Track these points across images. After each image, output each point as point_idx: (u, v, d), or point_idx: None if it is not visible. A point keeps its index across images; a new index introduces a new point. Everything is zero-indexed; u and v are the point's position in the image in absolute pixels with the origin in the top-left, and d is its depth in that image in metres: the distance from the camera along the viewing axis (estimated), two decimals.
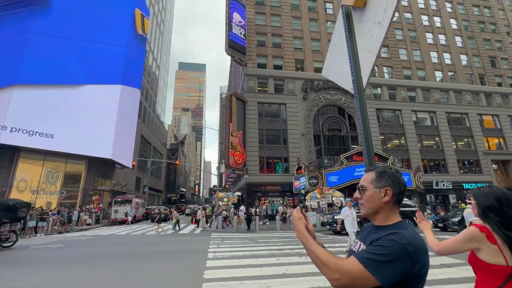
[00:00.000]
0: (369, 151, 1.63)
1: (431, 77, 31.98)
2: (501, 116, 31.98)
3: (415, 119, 29.98)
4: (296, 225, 1.13)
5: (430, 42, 33.68)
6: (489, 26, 36.83)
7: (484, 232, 1.44)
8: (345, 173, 20.04)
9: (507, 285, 1.35)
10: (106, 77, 23.69)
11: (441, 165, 29.05)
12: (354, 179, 19.62)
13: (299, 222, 1.13)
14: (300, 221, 1.14)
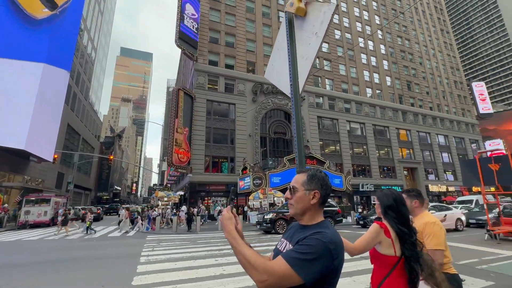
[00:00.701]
0: (301, 153, 1.72)
1: (363, 93, 36.45)
2: (412, 131, 38.53)
3: (348, 129, 33.67)
4: (226, 226, 1.10)
5: (364, 62, 38.39)
6: (408, 55, 44.06)
7: (383, 228, 1.72)
8: (287, 174, 21.16)
9: (394, 271, 1.62)
10: (25, 52, 19.72)
11: (367, 170, 33.33)
12: None
13: (228, 222, 1.10)
14: (229, 221, 1.11)
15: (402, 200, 1.75)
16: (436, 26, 51.60)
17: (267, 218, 13.37)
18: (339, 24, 37.94)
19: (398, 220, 1.69)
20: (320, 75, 33.86)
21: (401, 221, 1.69)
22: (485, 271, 5.75)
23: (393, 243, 1.66)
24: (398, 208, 1.72)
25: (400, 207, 1.73)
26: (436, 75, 46.18)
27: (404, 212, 1.72)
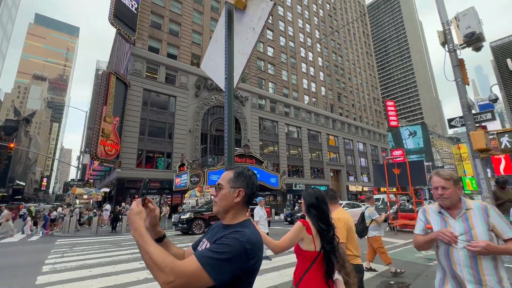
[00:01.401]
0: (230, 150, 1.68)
1: (301, 99, 39.37)
2: (339, 138, 43.59)
3: (287, 131, 35.85)
4: (133, 221, 0.96)
5: (304, 71, 41.51)
6: (340, 70, 49.66)
7: (305, 226, 1.86)
8: None
9: (314, 265, 1.77)
10: None
11: (300, 171, 36.13)
12: None
13: (137, 218, 0.97)
14: (138, 216, 0.98)
15: (323, 199, 1.91)
16: (363, 48, 59.67)
17: (184, 218, 12.57)
18: (284, 32, 40.00)
19: (318, 217, 1.85)
20: (264, 78, 35.05)
21: (321, 218, 1.84)
22: None
23: (313, 239, 1.80)
24: (319, 206, 1.88)
25: (321, 205, 1.88)
26: (360, 90, 53.40)
27: (324, 209, 1.88)
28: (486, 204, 1.72)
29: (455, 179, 1.75)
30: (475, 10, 6.55)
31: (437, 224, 1.77)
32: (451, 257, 1.71)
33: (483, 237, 1.60)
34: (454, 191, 1.72)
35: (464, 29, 6.46)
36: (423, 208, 1.92)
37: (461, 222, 1.69)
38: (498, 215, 1.66)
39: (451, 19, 7.01)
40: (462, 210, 1.71)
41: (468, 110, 6.56)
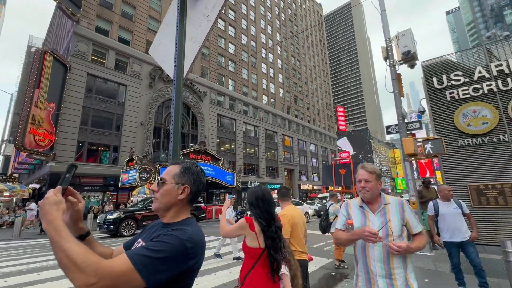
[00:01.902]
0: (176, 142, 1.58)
1: (260, 99, 40.03)
2: (294, 138, 45.63)
3: (244, 130, 36.06)
4: (47, 213, 0.78)
5: (263, 71, 42.27)
6: (297, 74, 51.96)
7: (248, 222, 1.91)
8: None
9: (259, 262, 1.80)
10: None
11: (255, 169, 36.75)
12: None
13: (53, 208, 0.79)
14: (55, 206, 0.80)
15: (263, 197, 1.94)
16: (319, 55, 63.45)
17: (110, 218, 11.27)
18: (246, 30, 40.11)
19: (258, 214, 1.89)
20: (225, 74, 34.63)
21: (261, 216, 1.88)
22: (328, 251, 7.42)
23: (256, 236, 1.84)
24: (258, 204, 1.92)
25: (260, 203, 1.92)
26: (314, 95, 56.71)
27: (264, 207, 1.92)
28: (403, 200, 1.81)
29: (378, 173, 1.80)
30: (412, 32, 7.48)
31: (358, 218, 1.81)
32: (367, 253, 1.75)
33: (397, 231, 1.69)
34: (376, 185, 1.77)
35: (402, 47, 7.33)
36: (346, 202, 1.96)
37: (379, 216, 1.75)
38: (411, 210, 1.77)
39: (393, 38, 7.88)
40: (381, 205, 1.77)
41: (402, 119, 7.47)
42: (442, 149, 6.27)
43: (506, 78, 7.35)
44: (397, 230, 1.69)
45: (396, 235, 1.69)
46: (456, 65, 8.16)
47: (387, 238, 1.68)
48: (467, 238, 3.83)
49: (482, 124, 7.34)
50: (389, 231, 1.69)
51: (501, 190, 6.86)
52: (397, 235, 1.69)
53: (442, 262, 5.60)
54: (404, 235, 1.74)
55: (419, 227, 1.76)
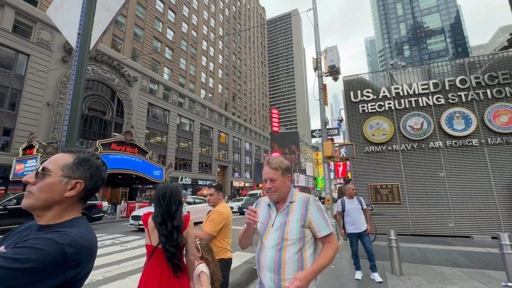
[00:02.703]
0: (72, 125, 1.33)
1: (197, 92, 38.65)
2: (230, 136, 45.89)
3: (178, 122, 34.19)
4: None
5: (203, 64, 40.98)
6: (237, 72, 52.42)
7: (143, 219, 1.90)
8: None
9: (152, 259, 1.77)
10: None
11: (188, 164, 35.36)
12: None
13: None
14: None
15: (164, 195, 1.90)
16: (259, 57, 65.54)
17: None
18: (188, 18, 38.06)
19: (157, 212, 1.87)
20: (160, 61, 32.01)
21: (159, 213, 1.85)
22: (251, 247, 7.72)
23: (149, 233, 1.82)
24: (161, 201, 1.88)
25: (162, 200, 1.88)
26: (252, 95, 58.37)
27: (165, 205, 1.87)
28: (309, 197, 1.54)
29: (284, 167, 1.55)
30: (337, 49, 8.46)
31: (263, 217, 1.58)
32: (260, 259, 1.49)
33: (294, 233, 1.43)
34: (283, 182, 1.52)
35: (329, 61, 8.21)
36: (259, 199, 1.74)
37: (281, 216, 1.50)
38: (318, 209, 1.50)
39: (322, 51, 8.74)
40: (287, 203, 1.53)
41: (324, 125, 8.37)
42: (352, 153, 7.32)
43: (401, 99, 9.10)
44: (294, 233, 1.43)
45: (293, 239, 1.42)
46: (368, 84, 9.65)
47: (282, 241, 1.42)
48: (364, 229, 4.58)
49: (382, 135, 8.90)
50: (285, 234, 1.43)
51: (391, 189, 8.47)
52: (295, 239, 1.42)
53: (346, 250, 6.54)
54: (309, 240, 1.47)
55: (326, 230, 1.45)
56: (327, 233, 1.46)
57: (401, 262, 5.03)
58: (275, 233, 1.47)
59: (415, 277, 4.66)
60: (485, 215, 7.62)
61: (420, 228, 8.06)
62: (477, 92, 8.41)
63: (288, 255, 1.41)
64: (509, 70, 8.29)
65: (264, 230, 1.54)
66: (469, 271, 5.00)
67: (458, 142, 8.27)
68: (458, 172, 8.09)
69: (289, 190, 1.58)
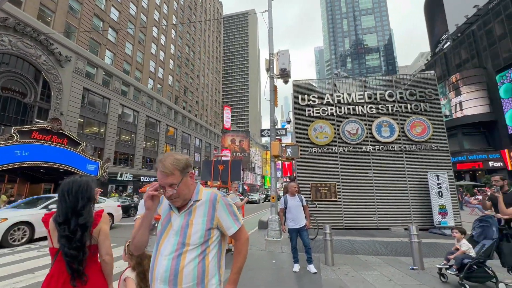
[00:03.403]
0: None
1: (144, 81, 35.78)
2: (179, 131, 43.82)
3: (120, 113, 31.09)
4: None
5: (153, 53, 38.11)
6: (190, 65, 50.38)
7: (44, 219, 1.71)
8: (8, 151, 14.81)
9: (55, 262, 1.60)
10: None
11: (129, 159, 32.48)
12: (17, 162, 15.09)
13: None
14: None
15: (69, 191, 1.68)
16: (214, 52, 64.21)
17: None
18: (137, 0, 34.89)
19: (60, 210, 1.66)
20: (101, 42, 28.55)
21: (60, 212, 1.64)
22: None
23: (49, 234, 1.65)
24: (65, 198, 1.66)
25: (67, 197, 1.67)
26: (205, 90, 56.88)
27: (70, 201, 1.65)
28: (217, 194, 1.40)
29: (182, 166, 1.33)
30: (289, 53, 8.83)
31: (163, 217, 1.38)
32: (154, 270, 1.25)
33: (198, 237, 1.26)
34: (185, 183, 1.32)
35: (281, 64, 8.52)
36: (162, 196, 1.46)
37: (182, 218, 1.31)
38: (226, 205, 1.38)
39: (275, 54, 9.02)
40: (191, 202, 1.35)
41: (273, 126, 8.66)
42: (297, 154, 7.76)
43: (341, 106, 10.02)
44: (197, 237, 1.26)
45: (195, 244, 1.25)
46: (314, 90, 10.35)
47: (182, 247, 1.24)
48: (303, 225, 4.90)
49: (324, 138, 9.67)
50: (186, 239, 1.25)
51: (329, 187, 9.27)
52: (198, 243, 1.26)
53: (287, 245, 6.90)
54: (214, 240, 1.33)
55: (235, 226, 1.37)
56: (236, 230, 1.38)
57: (334, 253, 5.55)
58: (174, 237, 1.27)
59: (344, 266, 5.20)
60: (401, 210, 8.98)
61: (351, 222, 9.03)
62: (400, 105, 9.83)
63: (187, 261, 1.23)
64: (424, 89, 9.92)
65: (162, 234, 1.32)
66: (386, 258, 5.81)
67: (384, 147, 9.54)
68: (383, 173, 9.33)
69: (194, 187, 1.40)
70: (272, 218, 7.85)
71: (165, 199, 1.40)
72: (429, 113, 9.67)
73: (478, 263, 3.89)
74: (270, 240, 7.55)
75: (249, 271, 4.92)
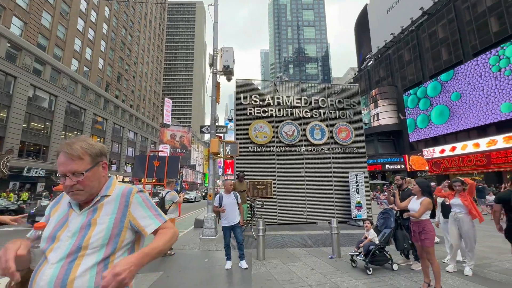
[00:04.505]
0: None
1: (67, 61, 30.60)
2: (109, 121, 39.03)
3: (31, 95, 25.84)
4: None
5: (79, 29, 32.91)
6: (127, 50, 45.46)
7: None
8: None
9: None
10: None
11: (42, 151, 27.33)
12: None
13: None
14: None
15: None
16: (155, 40, 59.46)
17: None
18: None
19: None
20: (5, 6, 23.12)
21: None
22: None
23: None
24: None
25: None
26: (143, 79, 52.21)
27: None
28: (132, 188, 1.20)
29: (95, 152, 1.14)
30: (233, 51, 8.82)
31: (56, 220, 1.11)
32: (33, 283, 0.97)
33: (99, 239, 1.03)
34: (94, 173, 1.11)
35: (224, 61, 8.44)
36: (61, 195, 1.23)
37: (84, 216, 1.08)
38: (144, 201, 1.18)
39: (219, 49, 8.88)
40: (98, 197, 1.13)
41: (214, 122, 8.52)
42: (236, 151, 7.81)
43: (281, 108, 10.55)
44: (100, 238, 1.03)
45: (96, 247, 1.02)
46: (257, 90, 10.62)
47: (77, 251, 1.00)
48: (237, 222, 4.96)
49: (264, 137, 10.02)
50: (84, 241, 1.01)
51: (266, 185, 9.65)
52: (99, 245, 1.03)
53: (222, 242, 6.89)
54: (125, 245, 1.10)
55: (156, 222, 1.16)
56: (159, 225, 1.16)
57: (265, 248, 5.79)
58: (69, 239, 1.02)
59: (273, 259, 5.48)
60: (327, 205, 10.02)
61: (284, 218, 9.60)
62: (330, 111, 10.95)
63: (81, 269, 0.97)
64: (350, 99, 11.28)
65: (53, 239, 1.04)
66: (311, 249, 6.38)
67: (316, 148, 10.47)
68: (313, 172, 10.23)
69: (106, 181, 1.20)
70: (208, 216, 7.71)
71: (64, 198, 1.17)
72: (352, 121, 11.04)
73: (379, 248, 4.62)
74: (204, 239, 7.40)
75: (179, 272, 4.72)
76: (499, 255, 5.56)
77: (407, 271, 4.68)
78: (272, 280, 4.30)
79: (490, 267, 4.80)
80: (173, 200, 6.00)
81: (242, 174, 7.35)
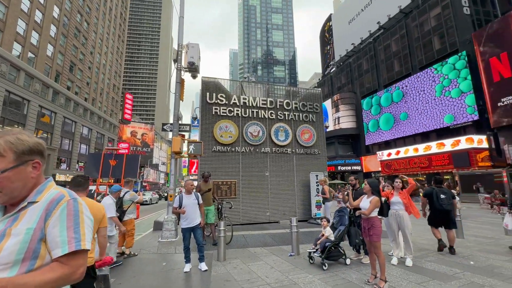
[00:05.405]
0: None
1: (7, 45, 26.86)
2: (58, 115, 35.20)
3: None
4: None
5: (24, 9, 29.15)
6: (82, 38, 41.55)
7: None
8: None
9: None
10: None
11: None
12: None
13: None
14: None
15: None
16: (116, 29, 55.34)
17: None
18: None
19: None
20: None
21: None
22: None
23: None
24: None
25: None
26: (101, 71, 48.21)
27: None
28: (64, 195, 1.00)
29: (22, 149, 0.96)
30: (199, 48, 8.60)
31: None
32: None
33: (12, 254, 0.87)
34: (18, 174, 0.95)
35: (189, 57, 8.19)
36: None
37: (3, 224, 0.93)
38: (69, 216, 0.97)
39: (184, 45, 8.59)
40: (24, 203, 0.96)
41: (177, 120, 8.21)
42: (200, 151, 7.62)
43: (246, 108, 10.58)
44: (14, 252, 0.87)
45: (8, 263, 0.87)
46: (223, 89, 10.50)
47: None
48: (197, 224, 4.83)
49: (229, 137, 9.95)
50: None
51: (230, 185, 9.59)
52: (13, 261, 0.87)
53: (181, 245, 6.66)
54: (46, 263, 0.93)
55: (65, 248, 0.92)
56: (65, 252, 0.92)
57: (227, 249, 5.74)
58: None
59: (234, 260, 5.46)
60: (289, 204, 10.31)
61: (248, 218, 9.64)
62: (294, 114, 11.31)
63: None
64: (313, 102, 11.79)
65: None
66: (272, 248, 6.50)
67: (280, 149, 10.72)
68: (277, 172, 10.46)
69: (37, 184, 1.02)
70: (168, 218, 7.40)
71: None
72: (315, 123, 11.55)
73: (334, 245, 4.89)
74: (163, 242, 7.08)
75: (132, 278, 4.43)
76: (435, 246, 6.29)
77: (358, 264, 5.04)
78: (231, 281, 4.27)
79: (427, 257, 5.40)
80: (133, 200, 5.75)
81: (207, 174, 7.10)
